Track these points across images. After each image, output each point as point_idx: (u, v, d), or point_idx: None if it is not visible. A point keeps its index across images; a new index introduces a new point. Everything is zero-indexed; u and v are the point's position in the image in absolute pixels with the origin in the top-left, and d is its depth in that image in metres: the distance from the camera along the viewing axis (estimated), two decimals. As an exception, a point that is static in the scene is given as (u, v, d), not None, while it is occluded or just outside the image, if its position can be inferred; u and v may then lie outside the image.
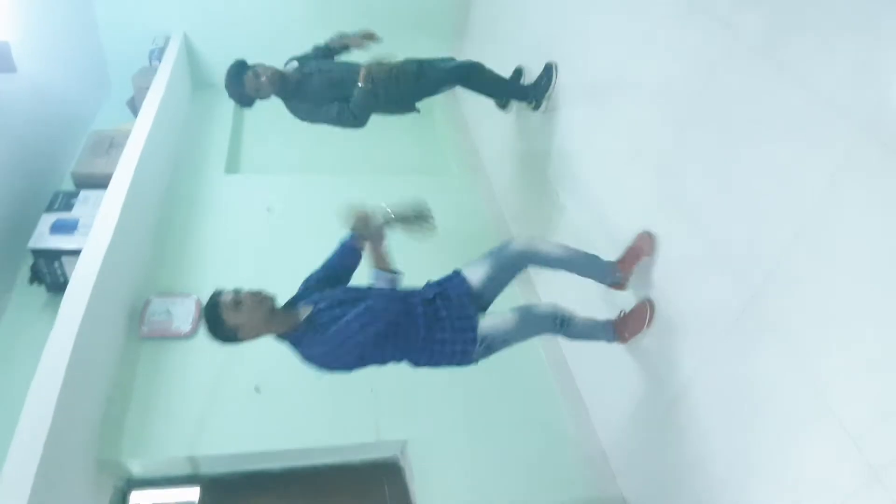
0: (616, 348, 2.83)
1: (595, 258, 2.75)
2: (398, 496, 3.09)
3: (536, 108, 3.72)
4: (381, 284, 2.42)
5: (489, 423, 3.23)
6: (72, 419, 2.61)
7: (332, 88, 3.41)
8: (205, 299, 3.59)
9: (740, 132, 2.18)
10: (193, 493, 3.06)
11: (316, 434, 3.10)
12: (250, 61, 3.46)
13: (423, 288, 2.56)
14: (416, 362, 2.45)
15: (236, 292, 2.19)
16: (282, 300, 2.36)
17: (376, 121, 3.50)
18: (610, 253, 2.80)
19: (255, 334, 2.23)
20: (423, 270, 2.63)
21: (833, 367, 1.83)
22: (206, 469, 3.07)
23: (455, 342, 2.39)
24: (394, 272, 2.45)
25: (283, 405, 3.15)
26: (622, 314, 2.76)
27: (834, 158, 1.79)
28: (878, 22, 1.69)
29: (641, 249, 2.66)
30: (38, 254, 3.48)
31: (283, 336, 2.29)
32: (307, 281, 2.51)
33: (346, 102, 3.33)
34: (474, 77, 3.67)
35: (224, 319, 2.16)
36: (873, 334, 1.70)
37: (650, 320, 2.62)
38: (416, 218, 2.42)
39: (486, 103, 4.20)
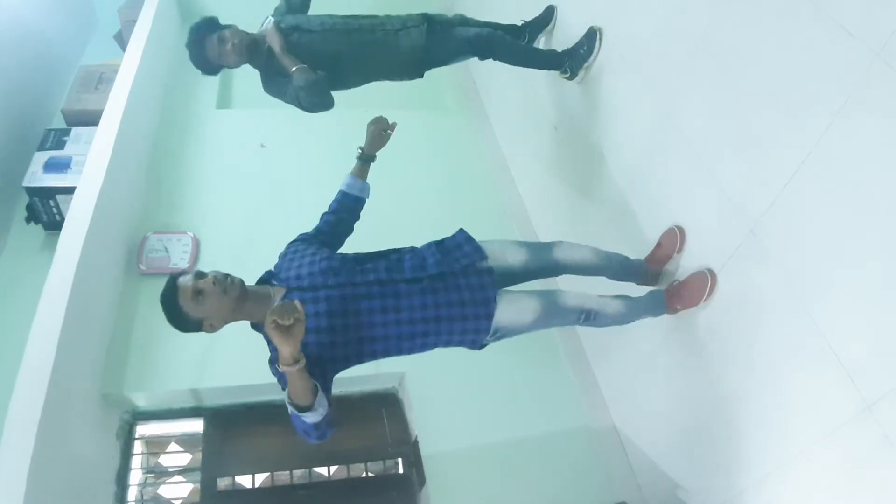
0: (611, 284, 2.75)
1: (625, 261, 2.55)
2: (397, 425, 3.20)
3: (572, 77, 3.22)
4: (353, 191, 2.27)
5: (483, 356, 3.27)
6: (75, 355, 2.67)
7: (314, 56, 2.84)
8: (201, 236, 3.64)
9: (748, 58, 2.10)
10: (197, 424, 3.16)
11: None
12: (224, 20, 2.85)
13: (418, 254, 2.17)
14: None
15: (198, 277, 1.83)
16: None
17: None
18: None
19: (222, 324, 1.91)
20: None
21: (831, 300, 1.83)
22: (209, 401, 3.15)
23: (467, 321, 2.08)
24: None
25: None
26: (675, 283, 2.48)
27: (845, 86, 1.72)
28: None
29: (669, 248, 2.48)
30: (33, 192, 3.48)
31: (256, 327, 1.96)
32: (300, 240, 2.18)
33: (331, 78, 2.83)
34: (497, 48, 3.15)
35: (184, 310, 1.83)
36: (875, 268, 1.69)
37: (710, 294, 2.30)
38: None
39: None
